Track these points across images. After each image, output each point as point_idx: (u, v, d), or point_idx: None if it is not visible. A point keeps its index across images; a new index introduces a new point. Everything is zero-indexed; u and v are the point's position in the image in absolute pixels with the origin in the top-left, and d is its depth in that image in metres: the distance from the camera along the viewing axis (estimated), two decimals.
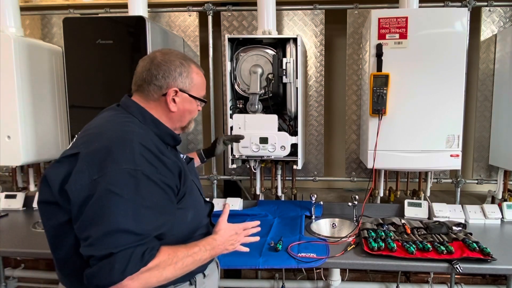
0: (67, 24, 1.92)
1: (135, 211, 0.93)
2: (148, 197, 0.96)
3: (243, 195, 2.67)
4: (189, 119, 1.22)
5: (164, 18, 2.46)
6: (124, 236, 0.91)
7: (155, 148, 1.02)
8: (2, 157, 2.06)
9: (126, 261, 0.90)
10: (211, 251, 1.12)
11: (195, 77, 1.17)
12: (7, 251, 1.80)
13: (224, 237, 1.17)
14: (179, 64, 1.13)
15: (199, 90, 1.20)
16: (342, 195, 2.62)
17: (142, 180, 0.95)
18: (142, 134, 1.04)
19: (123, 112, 1.12)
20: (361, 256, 1.63)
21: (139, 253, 0.92)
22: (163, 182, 1.00)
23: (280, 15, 2.39)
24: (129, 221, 0.92)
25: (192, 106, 1.19)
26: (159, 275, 0.96)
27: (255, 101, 1.97)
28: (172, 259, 0.99)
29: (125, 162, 0.95)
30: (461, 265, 1.52)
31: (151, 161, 0.99)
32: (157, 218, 0.98)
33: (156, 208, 0.98)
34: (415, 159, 1.94)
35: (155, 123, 1.12)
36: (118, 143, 0.98)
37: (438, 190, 2.60)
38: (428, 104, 1.90)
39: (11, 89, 2.02)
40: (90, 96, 1.95)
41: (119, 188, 0.92)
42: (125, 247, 0.90)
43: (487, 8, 2.27)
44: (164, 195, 1.01)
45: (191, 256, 1.05)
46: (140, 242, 0.93)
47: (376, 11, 1.90)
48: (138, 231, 0.93)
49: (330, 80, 2.63)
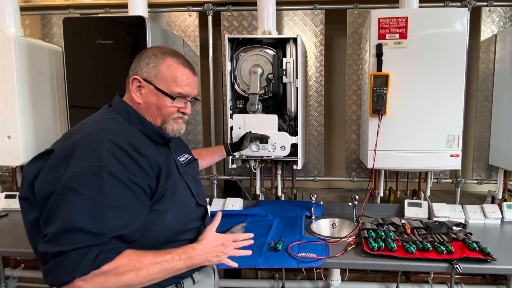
0: (67, 24, 1.92)
1: (94, 209, 0.90)
2: (110, 195, 0.92)
3: (243, 195, 2.67)
4: (160, 117, 1.12)
5: (164, 18, 2.46)
6: (80, 235, 0.88)
7: (128, 146, 0.99)
8: (2, 157, 2.06)
9: (77, 261, 0.86)
10: (187, 260, 1.04)
11: (164, 69, 1.09)
12: (7, 251, 1.80)
13: (206, 248, 1.09)
14: (150, 55, 1.11)
15: (170, 85, 1.09)
16: (342, 195, 2.62)
17: (106, 177, 0.92)
18: (116, 131, 1.01)
19: (109, 110, 1.12)
20: (361, 256, 1.63)
21: (93, 254, 0.88)
22: (131, 181, 0.96)
23: (280, 15, 2.39)
24: (86, 219, 0.89)
25: (160, 101, 1.10)
26: (116, 280, 0.91)
27: (255, 101, 1.97)
28: (134, 264, 0.94)
29: (89, 158, 0.93)
30: (461, 265, 1.52)
31: (120, 159, 0.95)
32: (118, 218, 0.93)
33: (119, 207, 0.94)
34: (415, 159, 1.94)
35: (140, 120, 1.10)
36: (87, 139, 0.96)
37: (438, 190, 2.60)
38: (428, 104, 1.90)
39: (11, 89, 2.02)
40: (90, 96, 1.95)
41: (80, 185, 0.90)
42: (79, 246, 0.87)
43: (487, 8, 2.27)
44: (130, 194, 0.96)
45: (159, 264, 0.97)
46: (96, 242, 0.89)
47: (376, 11, 1.90)
48: (95, 231, 0.89)
49: (330, 80, 2.63)
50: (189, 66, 1.15)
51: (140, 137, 1.07)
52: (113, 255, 0.92)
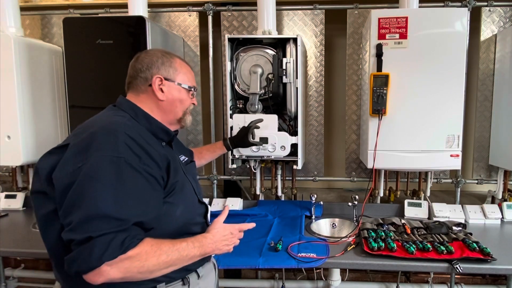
0: (67, 24, 1.92)
1: (115, 196, 0.94)
2: (129, 184, 0.97)
3: (243, 195, 2.67)
4: (182, 110, 1.23)
5: (164, 18, 2.46)
6: (105, 221, 0.91)
7: (141, 139, 1.04)
8: (2, 157, 2.06)
9: (105, 246, 0.89)
10: (200, 248, 1.09)
11: (179, 67, 1.21)
12: (7, 251, 1.80)
13: (216, 237, 1.15)
14: (160, 56, 1.19)
15: (186, 80, 1.22)
16: (342, 195, 2.62)
17: (124, 167, 0.96)
18: (129, 125, 1.06)
19: (117, 110, 1.16)
20: (361, 256, 1.63)
21: (120, 239, 0.92)
22: (146, 172, 1.00)
23: (280, 15, 2.39)
24: (110, 206, 0.92)
25: (181, 95, 1.21)
26: (140, 266, 0.94)
27: (255, 101, 1.97)
28: (155, 251, 0.98)
29: (107, 149, 0.97)
30: (461, 265, 1.52)
31: (135, 151, 1.00)
32: (138, 205, 0.98)
33: (138, 195, 0.98)
34: (415, 159, 1.94)
35: (147, 118, 1.15)
36: (103, 132, 1.01)
37: (438, 190, 2.60)
38: (428, 104, 1.90)
39: (11, 89, 2.02)
40: (90, 96, 1.95)
41: (100, 174, 0.94)
42: (105, 232, 0.90)
43: (487, 8, 2.27)
44: (147, 184, 1.01)
45: (176, 250, 1.02)
46: (121, 228, 0.93)
47: (376, 11, 1.90)
48: (118, 216, 0.93)
49: (330, 80, 2.63)
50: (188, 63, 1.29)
51: (147, 134, 1.12)
52: (137, 241, 0.95)
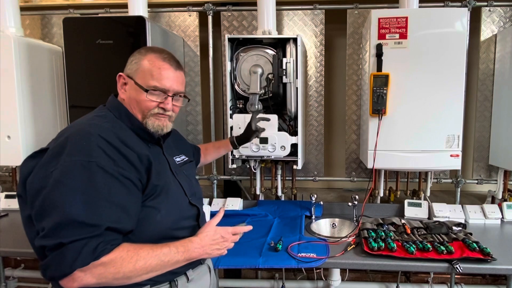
0: (67, 24, 1.92)
1: (86, 202, 0.92)
2: (101, 188, 0.94)
3: (243, 195, 2.67)
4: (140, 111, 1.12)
5: (164, 18, 2.46)
6: (76, 227, 0.90)
7: (118, 141, 1.01)
8: (2, 157, 2.06)
9: (77, 253, 0.88)
10: (185, 253, 1.06)
11: (144, 63, 1.11)
12: (7, 251, 1.80)
13: (204, 241, 1.11)
14: (136, 53, 1.14)
15: (146, 79, 1.10)
16: (342, 195, 2.62)
17: (96, 171, 0.94)
18: (105, 127, 1.03)
19: (102, 109, 1.15)
20: (361, 256, 1.63)
21: (92, 246, 0.90)
22: (121, 175, 0.98)
23: (280, 15, 2.39)
24: (81, 212, 0.91)
25: (138, 95, 1.10)
26: (115, 272, 0.93)
27: (255, 101, 1.97)
28: (131, 256, 0.95)
29: (78, 153, 0.95)
30: (461, 265, 1.52)
31: (109, 154, 0.98)
32: (111, 210, 0.95)
33: (110, 199, 0.95)
34: (415, 159, 1.94)
35: (129, 117, 1.12)
36: (76, 135, 0.99)
37: (438, 190, 2.60)
38: (428, 104, 1.90)
39: (11, 89, 2.02)
40: (90, 96, 1.95)
41: (71, 179, 0.92)
42: (77, 238, 0.89)
43: (487, 8, 2.27)
44: (122, 187, 0.98)
45: (156, 256, 0.99)
46: (93, 234, 0.91)
47: (376, 11, 1.90)
48: (90, 222, 0.91)
49: (330, 80, 2.63)
50: (171, 61, 1.14)
51: (130, 134, 1.09)
52: (112, 247, 0.94)
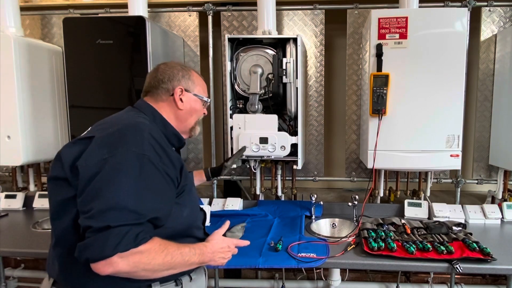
0: (67, 24, 1.92)
1: (137, 191, 0.98)
2: (150, 180, 1.02)
3: (243, 195, 2.67)
4: (195, 120, 1.32)
5: (164, 18, 2.46)
6: (124, 212, 0.95)
7: (162, 141, 1.11)
8: (2, 157, 2.06)
9: (121, 237, 0.92)
10: (200, 256, 1.13)
11: (196, 80, 1.31)
12: (7, 251, 1.80)
13: (214, 247, 1.19)
14: (180, 69, 1.28)
15: (202, 91, 1.32)
16: (342, 195, 2.62)
17: (148, 165, 1.01)
18: (151, 127, 1.13)
19: (137, 112, 1.22)
20: (361, 256, 1.63)
21: (134, 232, 0.95)
22: (165, 172, 1.06)
23: (280, 15, 2.39)
24: (131, 199, 0.96)
25: (197, 105, 1.30)
26: (147, 262, 0.97)
27: (255, 101, 1.97)
28: (162, 250, 1.01)
29: (135, 146, 1.02)
30: (461, 265, 1.52)
31: (157, 151, 1.06)
32: (156, 201, 1.03)
33: (156, 192, 1.03)
34: (415, 159, 1.94)
35: (164, 122, 1.23)
36: (131, 129, 1.06)
37: (438, 190, 2.61)
38: (428, 104, 1.90)
39: (11, 89, 2.02)
40: (90, 96, 1.95)
41: (126, 168, 0.98)
42: (123, 223, 0.94)
43: (487, 8, 2.26)
44: (165, 182, 1.06)
45: (180, 254, 1.06)
46: (137, 221, 0.97)
47: (376, 11, 1.90)
48: (137, 210, 0.97)
49: (330, 80, 2.63)
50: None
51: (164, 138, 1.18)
52: (149, 238, 0.99)
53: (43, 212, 2.29)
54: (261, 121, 1.99)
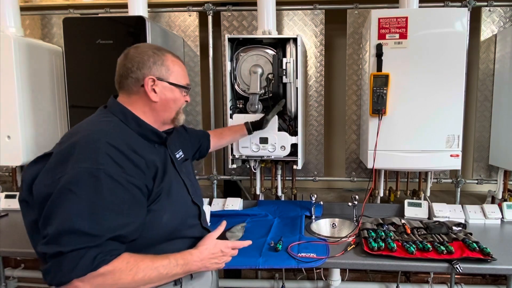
0: (67, 24, 1.92)
1: (91, 211, 0.92)
2: (107, 197, 0.94)
3: (243, 195, 2.67)
4: (175, 109, 1.19)
5: (164, 18, 2.46)
6: (77, 236, 0.90)
7: (126, 147, 1.01)
8: (2, 157, 2.06)
9: (75, 262, 0.89)
10: (184, 266, 1.06)
11: (171, 65, 1.16)
12: (7, 251, 1.80)
13: (203, 254, 1.12)
14: (151, 54, 1.13)
15: (179, 78, 1.18)
16: (342, 195, 2.62)
17: (103, 179, 0.94)
18: (112, 133, 1.03)
19: (106, 112, 1.13)
20: (361, 256, 1.63)
21: (91, 256, 0.90)
22: (128, 182, 0.98)
23: (280, 15, 2.39)
24: (84, 221, 0.91)
25: (175, 95, 1.17)
26: (112, 283, 0.93)
27: (255, 101, 1.97)
28: (131, 268, 0.96)
29: (86, 161, 0.94)
30: (461, 265, 1.52)
31: (117, 161, 0.97)
32: (116, 219, 0.95)
33: (116, 208, 0.95)
34: (415, 159, 1.94)
35: (136, 121, 1.11)
36: (84, 142, 0.98)
37: (438, 190, 2.61)
38: (428, 104, 1.90)
39: (11, 89, 2.02)
40: (90, 96, 1.95)
41: (77, 187, 0.92)
42: (77, 248, 0.89)
43: (487, 8, 2.27)
44: (128, 195, 0.98)
45: (155, 269, 0.99)
46: (94, 244, 0.91)
47: (376, 11, 1.90)
48: (92, 232, 0.91)
49: (330, 80, 2.63)
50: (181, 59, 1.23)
51: (137, 139, 1.09)
52: (111, 258, 0.94)
53: None
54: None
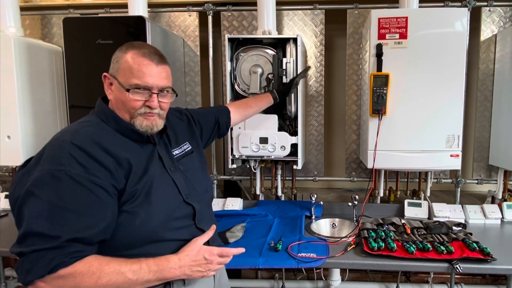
0: (67, 24, 1.92)
1: (51, 212, 0.92)
2: (68, 198, 0.93)
3: (243, 195, 2.67)
4: (127, 111, 1.08)
5: (164, 18, 2.46)
6: (37, 237, 0.91)
7: (93, 147, 0.98)
8: (2, 157, 2.06)
9: (33, 264, 0.90)
10: (157, 273, 0.99)
11: (124, 62, 1.06)
12: (7, 251, 1.80)
13: (182, 261, 1.04)
14: (118, 49, 1.09)
15: (127, 77, 1.05)
16: (342, 195, 2.62)
17: (65, 180, 0.93)
18: (81, 133, 1.01)
19: (90, 114, 1.14)
20: (361, 256, 1.63)
21: (49, 258, 0.90)
22: (92, 183, 0.95)
23: (280, 15, 2.39)
24: (43, 223, 0.91)
25: (122, 95, 1.06)
26: (74, 285, 0.92)
27: None
28: (93, 272, 0.93)
29: (50, 163, 0.95)
30: (461, 265, 1.52)
31: (80, 161, 0.96)
32: (77, 221, 0.94)
33: (77, 210, 0.94)
34: (415, 159, 1.94)
35: (115, 119, 1.08)
36: (51, 144, 1.00)
37: (438, 190, 2.61)
38: (428, 104, 1.90)
39: (11, 89, 2.02)
40: (90, 96, 1.92)
41: (39, 189, 0.93)
42: (36, 249, 0.90)
43: (487, 8, 2.27)
44: (91, 196, 0.95)
45: (122, 274, 0.95)
46: (53, 245, 0.90)
47: (376, 11, 1.90)
48: (51, 233, 0.91)
49: (330, 80, 2.63)
50: (151, 56, 1.07)
51: (114, 137, 1.06)
52: (71, 260, 0.92)
53: None
54: (261, 121, 1.99)
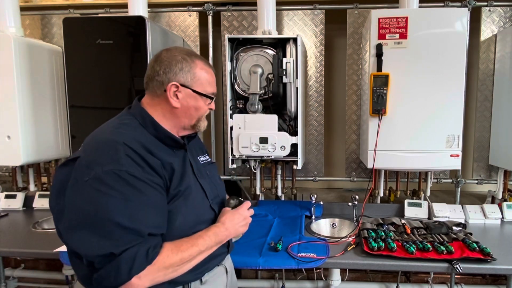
0: (67, 24, 1.92)
1: (129, 209, 0.94)
2: (137, 195, 0.96)
3: (243, 195, 2.67)
4: (197, 117, 1.18)
5: (164, 18, 2.46)
6: (123, 235, 0.92)
7: (142, 149, 1.02)
8: (2, 157, 2.06)
9: (131, 261, 0.91)
10: (215, 237, 1.13)
11: (199, 72, 1.14)
12: (7, 251, 1.80)
13: (226, 224, 1.17)
14: (180, 59, 1.12)
15: (205, 86, 1.15)
16: (342, 195, 2.62)
17: (129, 179, 0.95)
18: (128, 135, 1.04)
19: (127, 114, 1.14)
20: (361, 256, 1.63)
21: (144, 251, 0.94)
22: (151, 181, 1.00)
23: (280, 15, 2.39)
24: (126, 219, 0.92)
25: (198, 103, 1.15)
26: (165, 271, 0.98)
27: (255, 101, 1.97)
28: (176, 253, 1.01)
29: (109, 163, 0.95)
30: (461, 265, 1.52)
31: (137, 161, 0.99)
32: (150, 215, 0.98)
33: (148, 204, 0.98)
34: (415, 159, 1.94)
35: (154, 125, 1.12)
36: (104, 145, 1.00)
37: (438, 190, 2.60)
38: (428, 104, 1.90)
39: (11, 89, 2.02)
40: (90, 96, 1.95)
41: (108, 189, 0.93)
42: (128, 246, 0.92)
43: (487, 8, 2.27)
44: (154, 192, 1.00)
45: (195, 246, 1.06)
46: (141, 240, 0.94)
47: (376, 11, 1.90)
48: (137, 228, 0.94)
49: (330, 80, 2.63)
50: (211, 66, 1.22)
51: (154, 141, 1.09)
52: (159, 249, 0.98)
53: (43, 212, 2.29)
54: (261, 121, 1.99)
